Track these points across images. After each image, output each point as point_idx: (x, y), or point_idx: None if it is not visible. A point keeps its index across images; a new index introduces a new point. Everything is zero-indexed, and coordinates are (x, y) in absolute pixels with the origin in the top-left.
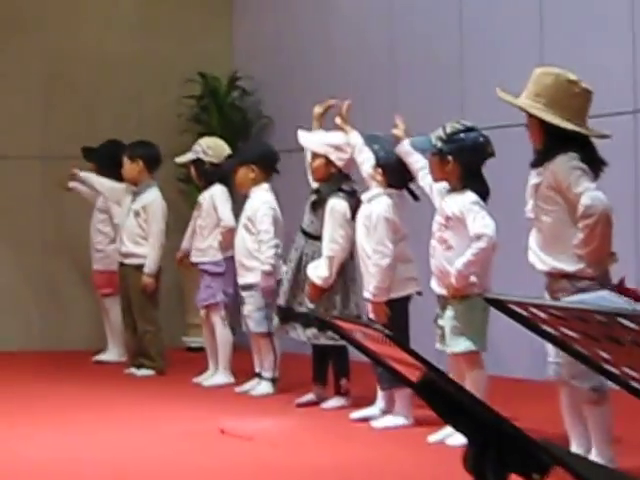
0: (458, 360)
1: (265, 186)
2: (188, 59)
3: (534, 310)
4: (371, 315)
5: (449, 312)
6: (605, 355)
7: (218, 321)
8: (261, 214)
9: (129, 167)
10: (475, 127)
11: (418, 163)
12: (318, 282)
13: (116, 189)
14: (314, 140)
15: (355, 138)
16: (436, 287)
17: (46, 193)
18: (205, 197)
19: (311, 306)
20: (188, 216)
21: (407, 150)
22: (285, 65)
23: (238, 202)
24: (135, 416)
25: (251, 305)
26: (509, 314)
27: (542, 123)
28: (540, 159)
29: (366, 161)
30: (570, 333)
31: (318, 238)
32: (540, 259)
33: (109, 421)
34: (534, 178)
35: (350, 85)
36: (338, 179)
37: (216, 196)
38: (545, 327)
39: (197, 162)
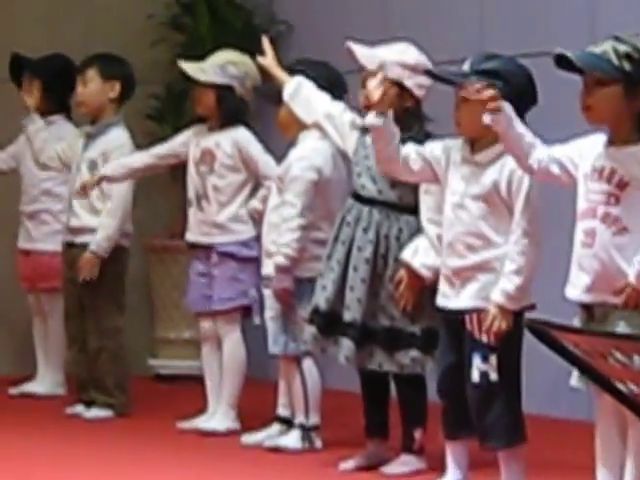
0: None
1: (316, 133)
2: None
3: None
4: None
5: (618, 329)
6: None
7: (234, 335)
8: (292, 175)
9: (97, 90)
10: None
11: (526, 137)
12: (426, 274)
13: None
14: (377, 57)
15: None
16: (583, 292)
17: None
18: (221, 142)
19: (398, 315)
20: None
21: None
22: None
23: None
24: None
25: (271, 311)
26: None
27: None
28: None
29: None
30: None
31: (395, 207)
32: None
33: None
34: None
35: None
36: (417, 118)
37: (246, 140)
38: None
39: (222, 91)
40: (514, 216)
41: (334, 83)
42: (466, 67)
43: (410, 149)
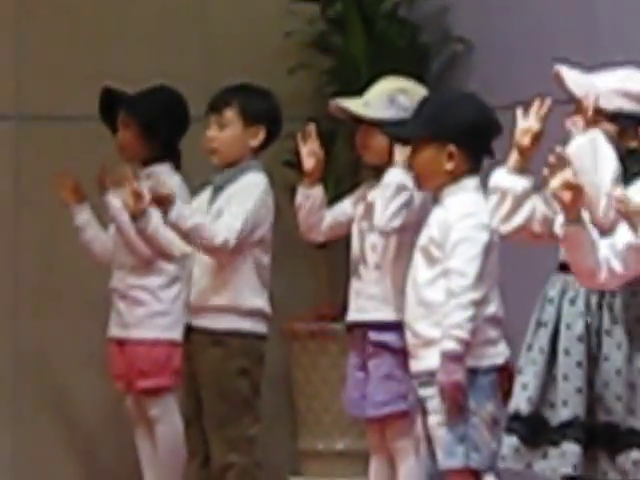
0: None
1: (471, 183)
2: None
3: None
4: None
5: None
6: None
7: (407, 447)
8: (459, 237)
9: (236, 136)
10: None
11: None
12: None
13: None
14: (591, 86)
15: None
16: None
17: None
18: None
19: (615, 406)
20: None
21: None
22: None
23: None
24: None
25: (437, 415)
26: None
27: None
28: None
29: None
30: None
31: None
32: None
33: None
34: None
35: None
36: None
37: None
38: None
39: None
40: None
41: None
42: None
43: None
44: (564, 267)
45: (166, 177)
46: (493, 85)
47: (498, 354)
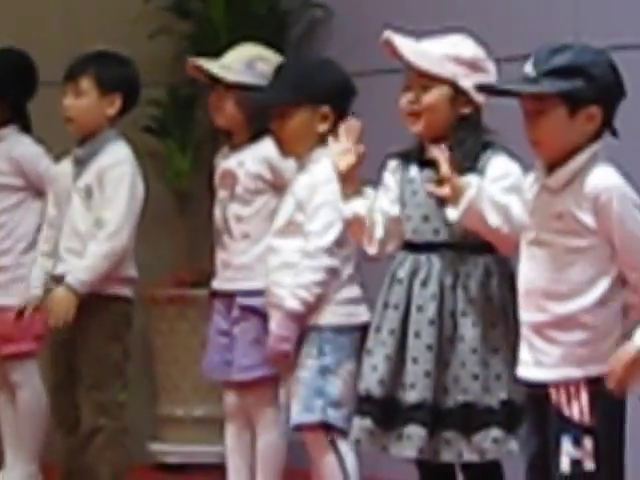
0: None
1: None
2: None
3: None
4: None
5: None
6: None
7: (271, 417)
8: (322, 201)
9: (92, 105)
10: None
11: None
12: None
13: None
14: (426, 53)
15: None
16: None
17: None
18: (247, 162)
19: (472, 385)
20: (166, 201)
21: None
22: None
23: None
24: None
25: (298, 370)
26: None
27: None
28: None
29: None
30: None
31: (460, 248)
32: None
33: None
34: None
35: None
36: (473, 130)
37: (275, 159)
38: None
39: (244, 91)
40: None
41: None
42: (529, 69)
43: None
44: (412, 246)
45: (16, 139)
46: (351, 51)
47: (360, 313)
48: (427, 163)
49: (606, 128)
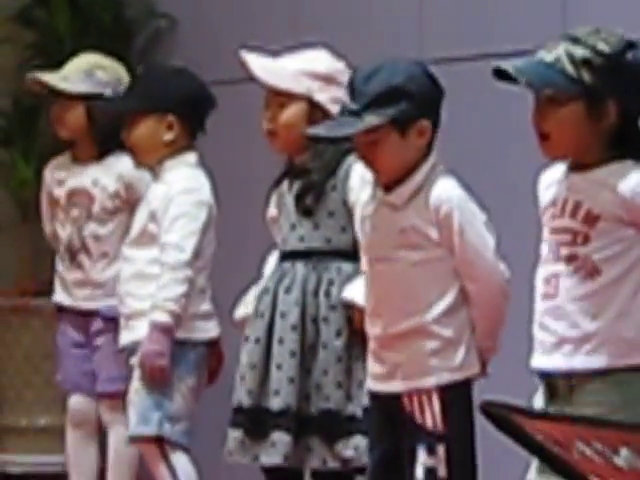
0: None
1: (190, 158)
2: None
3: None
4: None
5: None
6: None
7: (123, 417)
8: (179, 212)
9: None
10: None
11: None
12: None
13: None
14: (279, 70)
15: None
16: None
17: None
18: (102, 180)
19: (334, 393)
20: (9, 210)
21: None
22: None
23: None
24: None
25: (137, 382)
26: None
27: None
28: None
29: None
30: None
31: (322, 254)
32: None
33: None
34: None
35: None
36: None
37: (132, 173)
38: None
39: (92, 102)
40: None
41: None
42: (349, 101)
43: None
44: (282, 255)
45: None
46: (196, 62)
47: (208, 329)
48: (296, 175)
49: (436, 133)
